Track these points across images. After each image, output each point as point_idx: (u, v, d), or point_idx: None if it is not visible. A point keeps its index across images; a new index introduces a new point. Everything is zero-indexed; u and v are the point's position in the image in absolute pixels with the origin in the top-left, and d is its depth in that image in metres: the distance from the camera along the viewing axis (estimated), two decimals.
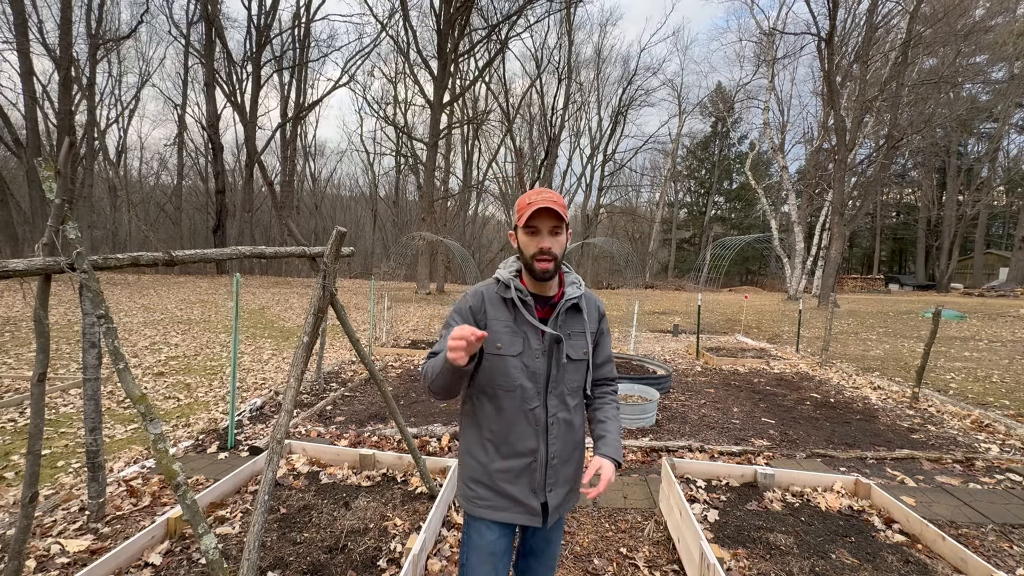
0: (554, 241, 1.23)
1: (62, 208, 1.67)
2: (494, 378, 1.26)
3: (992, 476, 3.44)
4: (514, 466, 1.28)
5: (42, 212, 16.38)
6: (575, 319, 1.33)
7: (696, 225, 45.68)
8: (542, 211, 1.20)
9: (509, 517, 1.30)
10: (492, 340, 1.25)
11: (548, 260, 1.23)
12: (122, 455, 3.40)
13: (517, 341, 1.26)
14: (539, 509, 1.30)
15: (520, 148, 29.86)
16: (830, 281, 17.65)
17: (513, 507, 1.29)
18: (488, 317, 1.27)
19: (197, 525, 1.64)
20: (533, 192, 1.24)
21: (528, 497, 1.29)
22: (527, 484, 1.29)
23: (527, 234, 1.24)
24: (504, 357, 1.25)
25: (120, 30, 24.48)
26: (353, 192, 44.57)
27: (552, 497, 1.31)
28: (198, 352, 7.01)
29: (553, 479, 1.31)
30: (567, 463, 1.34)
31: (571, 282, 1.35)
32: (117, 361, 1.59)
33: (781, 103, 32.26)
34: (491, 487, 1.30)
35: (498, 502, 1.30)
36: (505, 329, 1.26)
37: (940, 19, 17.07)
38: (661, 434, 4.11)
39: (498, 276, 1.32)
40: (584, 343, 1.33)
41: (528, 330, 1.27)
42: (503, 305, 1.29)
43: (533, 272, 1.26)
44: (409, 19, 20.42)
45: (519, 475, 1.28)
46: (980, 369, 7.31)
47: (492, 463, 1.29)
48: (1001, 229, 39.82)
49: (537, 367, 1.27)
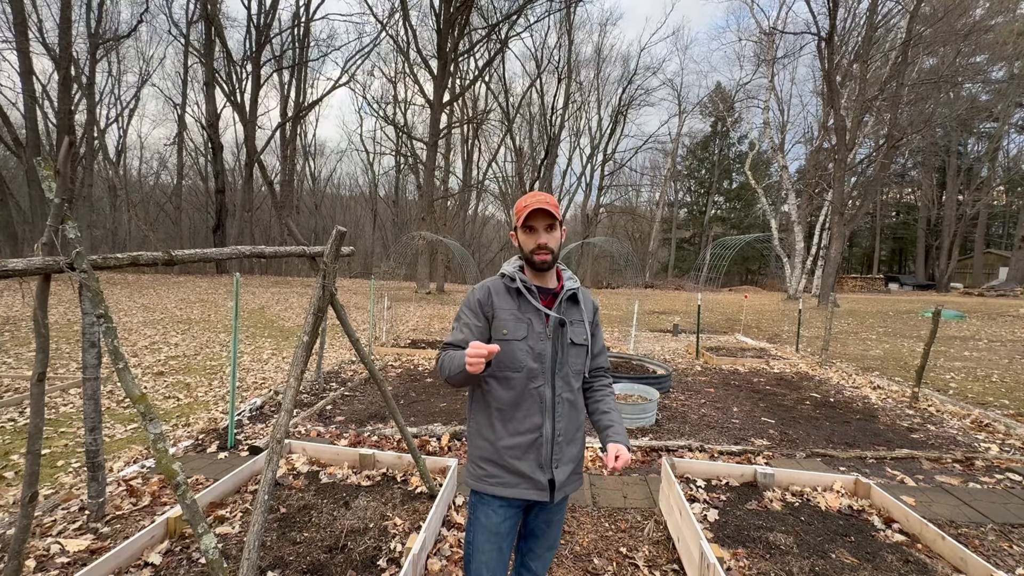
0: (549, 237, 1.39)
1: (61, 207, 1.67)
2: (503, 362, 1.36)
3: (992, 476, 3.44)
4: (521, 442, 1.37)
5: (42, 212, 16.35)
6: (574, 308, 1.47)
7: (696, 225, 45.67)
8: (537, 212, 1.36)
9: (519, 493, 1.38)
10: (498, 327, 1.39)
11: (546, 253, 1.39)
12: (122, 455, 3.39)
13: (521, 326, 1.38)
14: (547, 484, 1.38)
15: (520, 148, 29.86)
16: (830, 281, 17.64)
17: (522, 482, 1.38)
18: (495, 307, 1.41)
19: (197, 525, 1.63)
20: (528, 196, 1.41)
21: (535, 472, 1.37)
22: (534, 459, 1.37)
23: (526, 233, 1.41)
24: (510, 342, 1.37)
25: (120, 29, 24.48)
26: (353, 192, 44.62)
27: (558, 473, 1.39)
28: (198, 352, 7.00)
29: (559, 455, 1.40)
30: (571, 443, 1.44)
31: (568, 276, 1.51)
32: (117, 361, 1.59)
33: (781, 103, 32.25)
34: (500, 464, 1.39)
35: (507, 478, 1.38)
36: (510, 316, 1.39)
37: (940, 19, 17.05)
38: (661, 434, 4.11)
39: (503, 271, 1.48)
40: (583, 330, 1.45)
41: (532, 315, 1.39)
42: (508, 295, 1.42)
43: (533, 264, 1.41)
44: (409, 19, 20.42)
45: (527, 451, 1.37)
46: (980, 369, 7.31)
47: (500, 440, 1.38)
48: (1001, 229, 39.83)
49: (542, 349, 1.38)
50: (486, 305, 1.41)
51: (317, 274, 2.09)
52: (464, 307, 1.45)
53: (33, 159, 1.80)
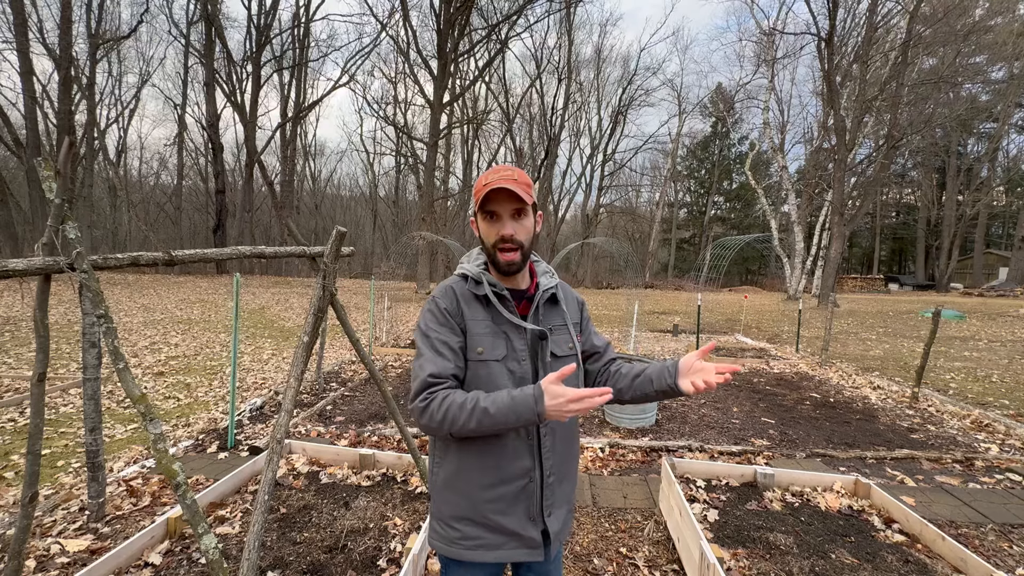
0: (517, 227, 1.05)
1: (62, 208, 1.67)
2: (479, 388, 1.03)
3: (992, 476, 3.43)
4: (507, 493, 1.07)
5: (42, 212, 16.36)
6: (554, 311, 1.16)
7: (696, 225, 45.71)
8: (499, 192, 1.01)
9: (505, 556, 1.08)
10: (472, 345, 1.07)
11: (512, 250, 1.05)
12: (122, 455, 3.39)
13: (500, 343, 1.07)
14: (539, 540, 1.09)
15: (520, 148, 29.90)
16: (830, 281, 17.65)
17: (509, 542, 1.08)
18: (466, 318, 1.08)
19: (197, 525, 1.63)
20: (490, 171, 1.05)
21: (526, 527, 1.08)
22: (524, 512, 1.08)
23: (486, 220, 1.07)
24: (487, 363, 1.05)
25: (120, 30, 24.52)
26: (353, 192, 44.69)
27: (552, 522, 1.11)
28: (198, 352, 7.00)
29: (551, 500, 1.11)
30: (564, 480, 1.15)
31: (543, 271, 1.19)
32: (117, 361, 1.59)
33: (781, 103, 32.34)
34: (481, 523, 1.07)
35: (491, 539, 1.07)
36: (486, 331, 1.07)
37: (940, 19, 17.07)
38: (661, 434, 4.11)
39: (464, 271, 1.12)
40: (568, 337, 1.15)
41: (509, 329, 1.08)
42: (477, 303, 1.10)
43: (497, 265, 1.08)
44: (409, 19, 20.44)
45: (513, 503, 1.07)
46: (980, 369, 7.31)
47: (481, 494, 1.07)
48: (1001, 229, 39.86)
49: (523, 371, 1.08)
50: (456, 316, 1.07)
51: (317, 274, 2.09)
52: (429, 321, 1.07)
53: (33, 159, 1.80)
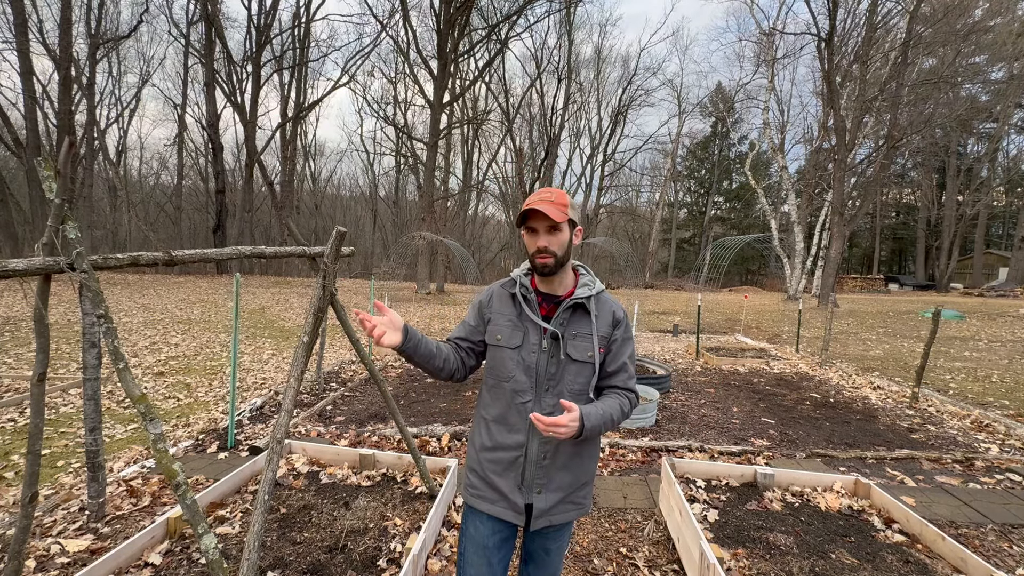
0: (551, 239, 1.26)
1: (62, 208, 1.67)
2: (494, 369, 1.34)
3: (992, 476, 3.44)
4: (503, 458, 1.30)
5: (42, 212, 16.37)
6: (581, 320, 1.32)
7: (696, 225, 45.70)
8: (534, 212, 1.25)
9: (495, 510, 1.31)
10: (492, 332, 1.34)
11: (546, 257, 1.27)
12: (122, 455, 3.39)
13: (517, 335, 1.31)
14: (523, 508, 1.30)
15: (520, 148, 29.82)
16: (830, 281, 17.65)
17: (499, 500, 1.31)
18: (492, 311, 1.37)
19: (197, 525, 1.63)
20: (535, 194, 1.29)
21: (513, 492, 1.29)
22: (514, 479, 1.30)
23: (527, 234, 1.31)
24: (503, 349, 1.32)
25: (120, 30, 24.52)
26: (353, 192, 44.62)
27: (539, 500, 1.29)
28: (198, 352, 7.00)
29: (543, 480, 1.29)
30: (563, 469, 1.31)
31: (584, 283, 1.37)
32: (117, 361, 1.59)
33: (781, 103, 32.35)
34: (482, 477, 1.34)
35: (487, 493, 1.33)
36: (507, 323, 1.33)
37: (940, 19, 17.06)
38: (661, 434, 4.11)
39: (512, 274, 1.41)
40: (589, 345, 1.30)
41: (530, 325, 1.31)
42: (509, 300, 1.37)
43: (536, 268, 1.31)
44: (409, 19, 20.42)
45: (507, 468, 1.30)
46: (980, 369, 7.31)
47: (484, 452, 1.34)
48: (1001, 229, 39.85)
49: (534, 362, 1.29)
50: (485, 307, 1.39)
51: (317, 274, 2.09)
52: (470, 306, 1.45)
53: (33, 159, 1.80)
